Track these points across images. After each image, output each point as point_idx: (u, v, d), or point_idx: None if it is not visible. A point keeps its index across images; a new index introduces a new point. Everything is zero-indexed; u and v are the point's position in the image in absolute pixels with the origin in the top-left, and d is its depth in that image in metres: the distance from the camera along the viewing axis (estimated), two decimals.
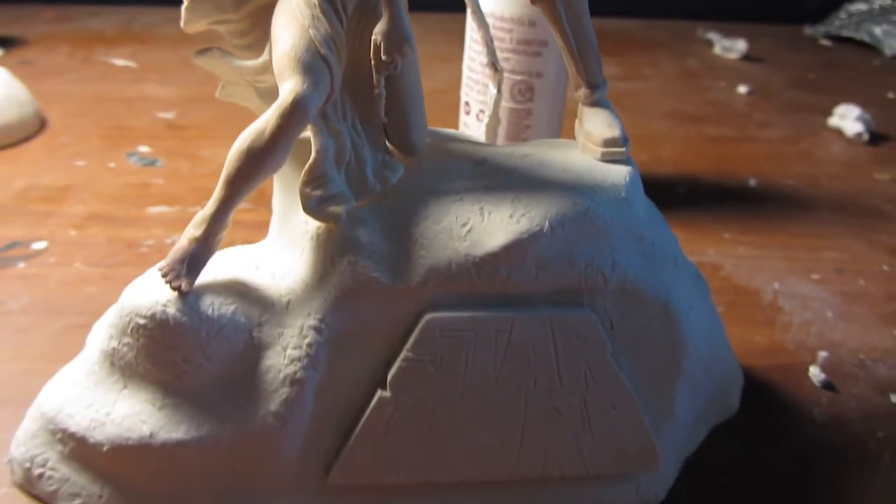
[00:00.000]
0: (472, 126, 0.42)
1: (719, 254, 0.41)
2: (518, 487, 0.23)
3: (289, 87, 0.20)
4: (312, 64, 0.21)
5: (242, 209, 0.31)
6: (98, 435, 0.22)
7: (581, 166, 0.24)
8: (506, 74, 0.39)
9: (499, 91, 0.31)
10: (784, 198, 0.48)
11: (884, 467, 0.27)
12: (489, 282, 0.22)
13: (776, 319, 0.35)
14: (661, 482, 0.25)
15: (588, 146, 0.25)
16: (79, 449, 0.22)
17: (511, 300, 0.22)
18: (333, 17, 0.22)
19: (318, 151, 0.21)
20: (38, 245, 0.38)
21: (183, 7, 0.24)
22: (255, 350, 0.22)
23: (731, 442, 0.28)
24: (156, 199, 0.43)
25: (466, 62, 0.41)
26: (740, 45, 0.78)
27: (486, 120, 0.31)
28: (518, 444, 0.23)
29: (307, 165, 0.21)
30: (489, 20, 0.38)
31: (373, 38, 0.21)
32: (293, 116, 0.20)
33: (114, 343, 0.22)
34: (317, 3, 0.21)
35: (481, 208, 0.22)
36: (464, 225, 0.22)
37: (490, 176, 0.23)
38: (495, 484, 0.23)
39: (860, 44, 0.85)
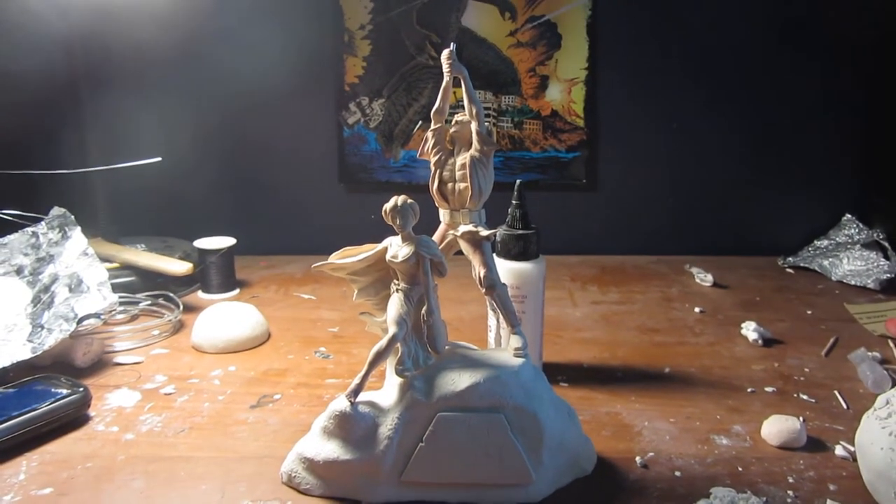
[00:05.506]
0: (492, 341, 0.79)
1: (623, 408, 0.74)
2: (471, 487, 0.58)
3: (391, 330, 0.59)
4: (400, 322, 0.60)
5: (373, 381, 0.69)
6: (317, 457, 0.59)
7: (503, 358, 0.61)
8: None
9: (497, 322, 0.69)
10: (683, 379, 0.81)
11: (653, 498, 0.59)
12: (461, 401, 0.58)
13: (635, 438, 0.68)
14: (538, 493, 0.59)
15: (510, 351, 0.62)
16: (309, 464, 0.60)
17: (470, 409, 0.58)
18: (409, 304, 0.61)
19: (402, 353, 0.60)
20: (277, 396, 0.77)
21: (354, 294, 0.64)
22: (375, 426, 0.59)
23: (583, 483, 0.61)
24: (330, 376, 0.82)
25: (489, 307, 0.80)
26: (709, 277, 1.13)
27: (493, 337, 0.69)
28: (473, 467, 0.58)
29: (397, 358, 0.60)
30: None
31: (421, 314, 0.60)
32: (392, 341, 0.59)
33: (325, 423, 0.60)
34: (402, 300, 0.61)
35: (459, 373, 0.59)
36: (452, 380, 0.59)
37: (466, 361, 0.61)
38: (462, 484, 0.58)
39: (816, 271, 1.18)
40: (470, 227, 0.62)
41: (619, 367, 0.84)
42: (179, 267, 1.01)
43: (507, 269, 0.77)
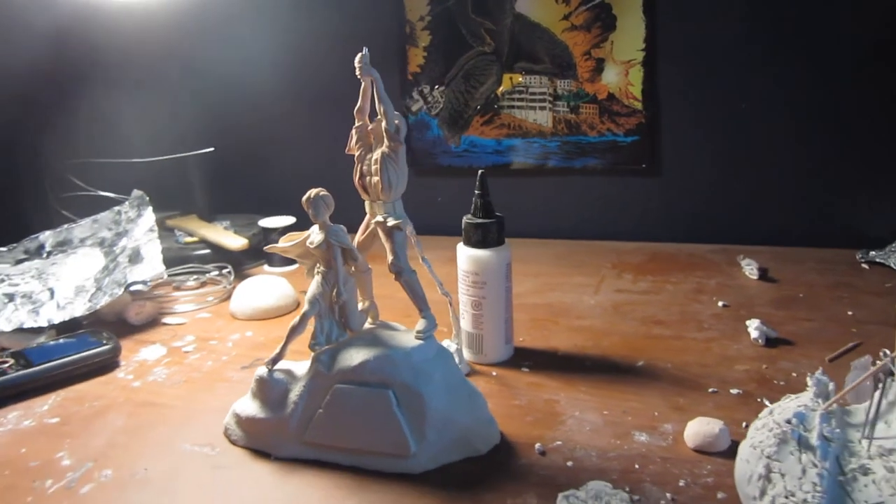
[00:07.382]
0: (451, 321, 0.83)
1: (565, 396, 0.75)
2: (360, 453, 0.64)
3: (304, 307, 0.66)
4: (313, 301, 0.67)
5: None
6: (243, 414, 0.68)
7: (405, 339, 0.66)
8: (467, 296, 0.81)
9: (451, 305, 0.74)
10: (650, 373, 0.79)
11: (527, 483, 0.61)
12: (354, 375, 0.64)
13: (554, 427, 0.69)
14: (419, 465, 0.63)
15: (413, 333, 0.67)
16: (238, 419, 0.69)
17: (361, 383, 0.64)
18: (325, 285, 0.67)
19: (315, 328, 0.67)
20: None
21: (305, 273, 0.72)
22: (287, 391, 0.67)
23: (470, 461, 0.64)
24: None
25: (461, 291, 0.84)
26: (757, 270, 1.06)
27: (452, 317, 0.74)
28: (361, 435, 0.64)
29: (312, 332, 0.67)
30: (460, 273, 0.81)
31: (332, 297, 0.67)
32: (304, 318, 0.66)
33: (254, 386, 0.69)
34: (319, 282, 0.67)
35: (357, 350, 0.65)
36: (351, 356, 0.65)
37: (371, 340, 0.66)
38: (353, 449, 0.64)
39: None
40: (380, 218, 0.67)
41: (592, 357, 0.84)
42: (236, 242, 1.15)
43: (467, 256, 0.81)
